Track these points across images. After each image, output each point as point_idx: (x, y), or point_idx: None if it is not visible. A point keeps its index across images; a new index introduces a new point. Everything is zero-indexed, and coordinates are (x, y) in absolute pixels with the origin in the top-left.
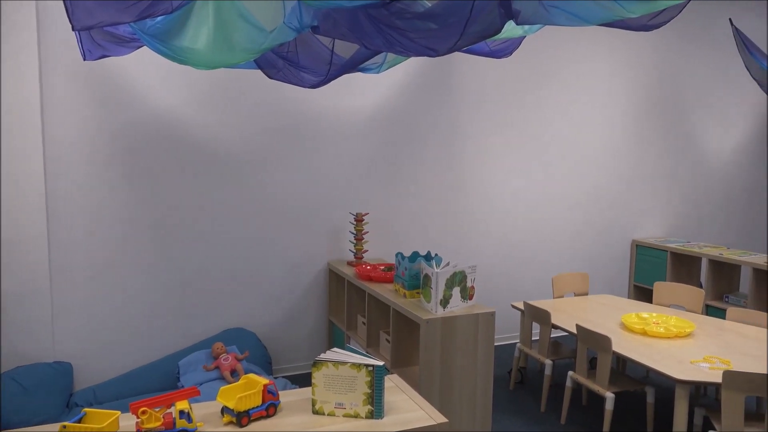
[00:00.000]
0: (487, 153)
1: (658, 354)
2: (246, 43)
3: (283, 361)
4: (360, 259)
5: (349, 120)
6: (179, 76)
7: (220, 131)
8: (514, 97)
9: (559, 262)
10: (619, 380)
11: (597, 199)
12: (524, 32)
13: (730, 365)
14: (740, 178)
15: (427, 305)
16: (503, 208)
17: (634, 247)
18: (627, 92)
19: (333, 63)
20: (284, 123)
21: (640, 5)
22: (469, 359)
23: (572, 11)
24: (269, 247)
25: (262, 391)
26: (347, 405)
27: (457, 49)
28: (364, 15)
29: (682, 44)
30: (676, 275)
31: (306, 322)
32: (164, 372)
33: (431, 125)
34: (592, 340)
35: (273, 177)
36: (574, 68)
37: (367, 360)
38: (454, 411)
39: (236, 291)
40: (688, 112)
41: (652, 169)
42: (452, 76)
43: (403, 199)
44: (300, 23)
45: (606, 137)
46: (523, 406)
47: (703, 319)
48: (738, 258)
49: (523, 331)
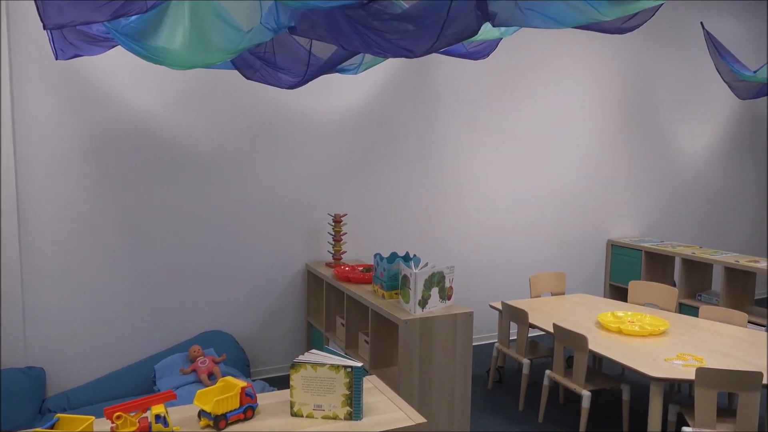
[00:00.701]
0: (464, 154)
1: (633, 352)
2: (222, 43)
3: (261, 363)
4: (338, 260)
5: (327, 121)
6: (154, 76)
7: (197, 132)
8: (491, 99)
9: (536, 262)
10: (595, 378)
11: (573, 199)
12: (501, 34)
13: (703, 362)
14: (711, 179)
15: (405, 306)
16: (481, 209)
17: (609, 246)
18: (602, 93)
19: (310, 64)
20: (261, 124)
21: (614, 8)
22: (448, 359)
23: (547, 14)
24: (247, 248)
25: (239, 394)
26: (326, 407)
27: (434, 51)
28: (341, 16)
29: (656, 47)
30: (651, 274)
31: (284, 324)
32: (140, 376)
33: (409, 126)
34: (568, 339)
35: (250, 178)
36: (550, 70)
37: (345, 361)
38: (433, 411)
39: (213, 293)
40: (661, 114)
41: (626, 170)
42: (430, 78)
43: (382, 200)
44: (277, 23)
45: (582, 138)
46: (501, 405)
47: (677, 317)
48: (710, 257)
49: (501, 331)
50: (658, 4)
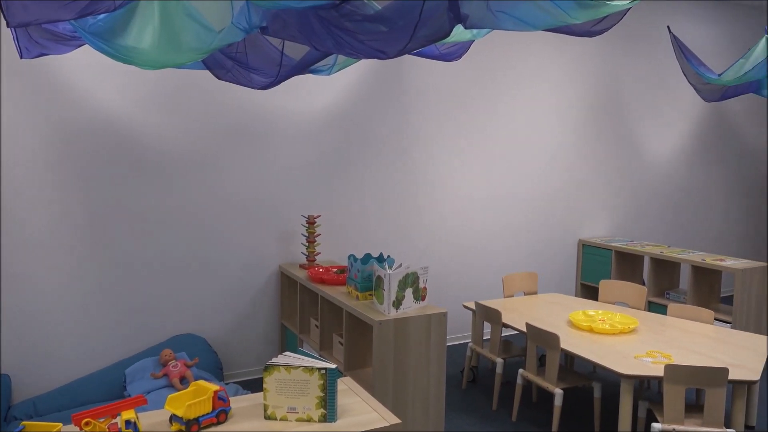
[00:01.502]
0: (438, 155)
1: (603, 350)
2: (193, 42)
3: (234, 366)
4: (312, 261)
5: (300, 122)
6: (124, 75)
7: (167, 132)
8: (464, 100)
9: (509, 262)
10: (567, 376)
11: (545, 199)
12: (473, 36)
13: (671, 359)
14: (678, 179)
15: (379, 307)
16: (454, 209)
17: (580, 246)
18: (573, 95)
19: (283, 64)
20: (233, 124)
21: (583, 12)
22: (422, 360)
23: (518, 16)
24: (219, 250)
25: (212, 397)
26: (300, 409)
27: (407, 52)
28: (314, 16)
29: (625, 50)
30: (621, 273)
31: (258, 327)
32: (110, 381)
33: (382, 127)
34: (541, 338)
35: (223, 179)
36: (521, 72)
37: (319, 363)
38: (408, 411)
39: (185, 296)
40: (630, 115)
41: (596, 171)
42: (403, 79)
43: (356, 201)
44: (249, 24)
45: (553, 139)
46: (475, 405)
47: (646, 315)
48: (677, 256)
49: (475, 331)
50: (625, 8)
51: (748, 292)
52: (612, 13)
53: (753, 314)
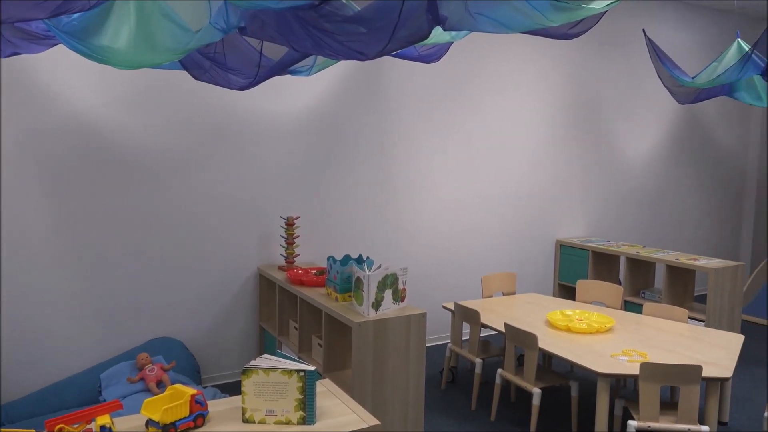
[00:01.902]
0: (417, 156)
1: (581, 349)
2: (170, 43)
3: (212, 369)
4: (291, 263)
5: (279, 123)
6: (99, 76)
7: (144, 133)
8: (443, 101)
9: (487, 262)
10: (545, 376)
11: (523, 200)
12: (451, 38)
13: (646, 357)
14: (653, 180)
15: (359, 308)
16: (433, 210)
17: (558, 246)
18: (551, 97)
19: (261, 65)
20: (211, 126)
21: (560, 15)
22: (401, 361)
23: (496, 19)
24: (196, 252)
25: (189, 401)
26: (278, 412)
27: (386, 53)
28: (292, 17)
29: (601, 52)
30: (597, 273)
31: (236, 329)
32: (84, 386)
33: (361, 128)
34: (519, 337)
35: (199, 181)
36: (499, 74)
37: (298, 365)
38: (387, 412)
39: (161, 299)
40: (606, 117)
41: (573, 171)
42: (382, 80)
43: (335, 202)
44: (226, 24)
45: (530, 141)
46: (454, 405)
47: (622, 314)
48: (653, 256)
49: (454, 331)
50: (601, 12)
51: (721, 291)
52: (588, 16)
53: (726, 313)
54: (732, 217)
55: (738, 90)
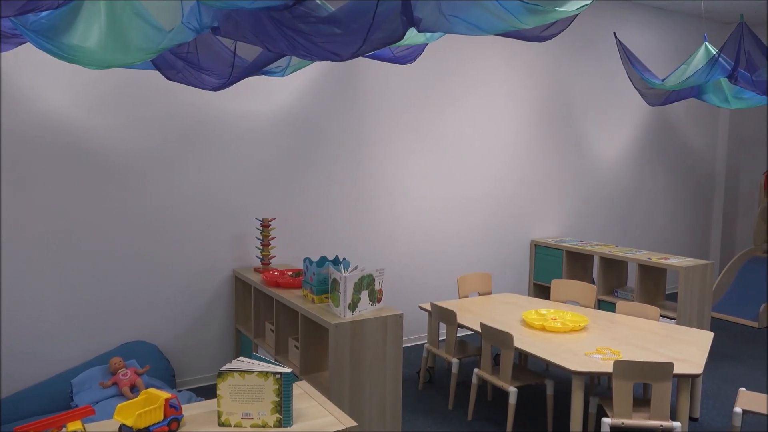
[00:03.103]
0: (392, 157)
1: (555, 348)
2: (142, 42)
3: (187, 373)
4: (267, 265)
5: (253, 124)
6: (68, 76)
7: (114, 135)
8: (418, 103)
9: (463, 263)
10: (521, 375)
11: (498, 201)
12: (426, 39)
13: (619, 355)
14: (625, 181)
15: (335, 310)
16: (409, 211)
17: (532, 246)
18: (525, 99)
19: (235, 65)
20: (184, 127)
21: (533, 17)
22: (379, 362)
23: (470, 21)
24: (170, 255)
25: (163, 406)
26: (255, 415)
27: (360, 55)
28: (266, 17)
29: (574, 54)
30: (571, 272)
31: (211, 332)
32: (55, 392)
33: (337, 129)
34: (495, 337)
35: (173, 182)
36: (474, 75)
37: (274, 368)
38: (365, 413)
39: (134, 302)
40: (579, 118)
41: (547, 172)
42: (358, 81)
43: (311, 203)
44: (199, 24)
45: (505, 142)
46: (431, 405)
47: (596, 313)
48: (625, 255)
49: (431, 332)
50: (573, 15)
51: (692, 289)
52: (560, 19)
53: (696, 310)
54: (701, 216)
55: (706, 92)
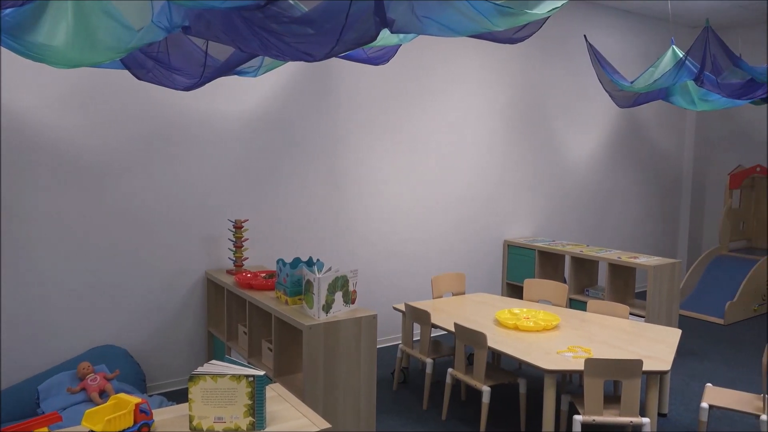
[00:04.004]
0: (366, 157)
1: (528, 347)
2: (110, 41)
3: (158, 377)
4: (240, 267)
5: (226, 124)
6: (34, 74)
7: (83, 135)
8: (392, 103)
9: (437, 263)
10: (494, 374)
11: (471, 201)
12: (399, 40)
13: (590, 353)
14: (595, 181)
15: (309, 311)
16: (383, 212)
17: (505, 246)
18: (498, 100)
19: (207, 65)
20: (155, 127)
21: (505, 19)
22: (353, 363)
23: (443, 22)
24: (140, 257)
25: (133, 410)
26: (227, 418)
27: (333, 55)
28: (238, 17)
29: (545, 56)
30: (544, 272)
31: (183, 335)
32: (20, 399)
33: (310, 130)
34: (469, 337)
35: (144, 184)
36: (447, 76)
37: (247, 370)
38: (339, 415)
39: (103, 306)
40: (551, 119)
41: (519, 173)
42: (331, 82)
43: (284, 204)
44: (170, 23)
45: (478, 142)
46: (406, 405)
47: (567, 311)
48: (595, 254)
49: (405, 332)
50: (544, 17)
51: (660, 288)
52: (532, 21)
53: (664, 308)
54: (669, 216)
55: (673, 94)
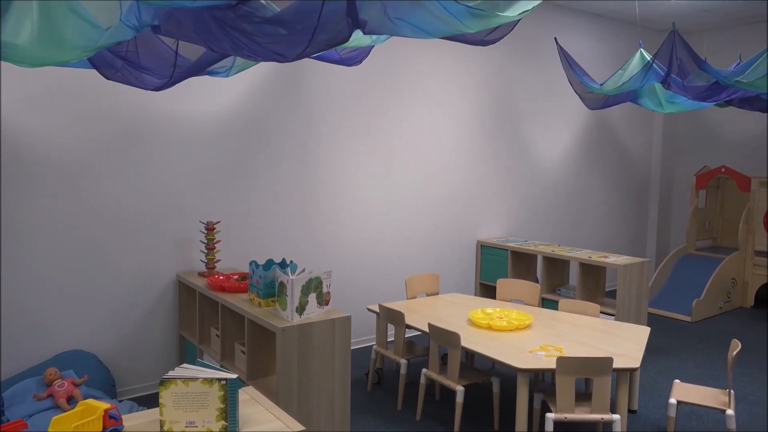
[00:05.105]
0: (339, 159)
1: (501, 346)
2: (78, 40)
3: (129, 382)
4: (212, 269)
5: (198, 125)
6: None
7: (50, 135)
8: (365, 104)
9: (411, 264)
10: (468, 374)
11: (444, 203)
12: (372, 42)
13: (562, 352)
14: (566, 182)
15: (282, 313)
16: (356, 213)
17: (478, 247)
18: (470, 101)
19: (177, 65)
20: (124, 127)
21: (476, 21)
22: (327, 364)
23: (415, 24)
24: (110, 259)
25: (102, 417)
26: (199, 423)
27: (306, 56)
28: (209, 17)
29: (517, 59)
30: (516, 272)
31: (154, 339)
32: None
33: (283, 131)
34: (442, 337)
35: (113, 185)
36: (421, 77)
37: (219, 374)
38: (313, 417)
39: (71, 310)
40: (522, 121)
41: (492, 174)
42: (305, 82)
43: (256, 206)
44: (139, 21)
45: (450, 144)
46: (380, 406)
47: (539, 311)
48: (567, 254)
49: (379, 333)
50: (515, 20)
51: (629, 287)
52: (503, 24)
53: (633, 306)
54: (638, 216)
55: (641, 96)
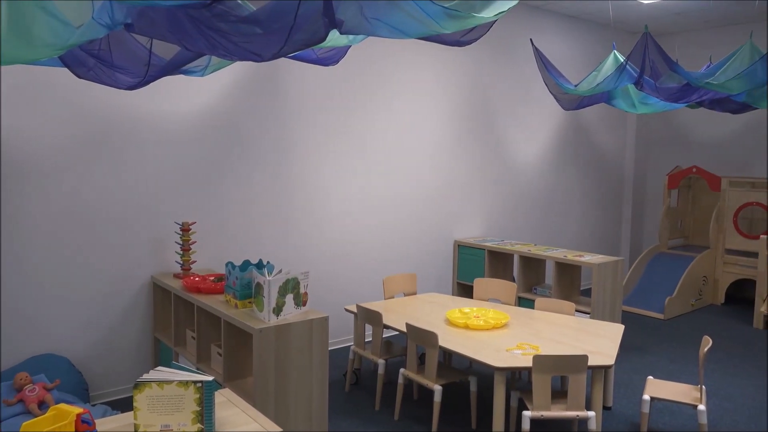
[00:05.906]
0: (316, 159)
1: (478, 345)
2: (48, 37)
3: (102, 386)
4: (188, 270)
5: (172, 125)
6: None
7: (20, 135)
8: (342, 105)
9: (388, 264)
10: (445, 373)
11: (421, 203)
12: (349, 42)
13: (538, 350)
14: (542, 182)
15: (259, 314)
16: (333, 213)
17: (456, 246)
18: (447, 102)
19: (152, 64)
20: (96, 127)
21: (453, 22)
22: (304, 365)
23: (392, 24)
24: (83, 261)
25: (74, 422)
26: (174, 426)
27: (282, 55)
28: (184, 15)
29: (493, 59)
30: (493, 271)
31: (128, 342)
32: None
33: (260, 131)
34: (420, 337)
35: (86, 185)
36: (398, 77)
37: (195, 376)
38: (291, 418)
39: (42, 312)
40: (499, 121)
41: (469, 174)
42: (281, 82)
43: (233, 206)
44: (111, 20)
45: (427, 144)
46: (358, 407)
47: (516, 310)
48: (543, 253)
49: (357, 333)
50: (491, 21)
51: (604, 285)
52: (479, 25)
53: (608, 304)
54: (612, 215)
55: (615, 98)
